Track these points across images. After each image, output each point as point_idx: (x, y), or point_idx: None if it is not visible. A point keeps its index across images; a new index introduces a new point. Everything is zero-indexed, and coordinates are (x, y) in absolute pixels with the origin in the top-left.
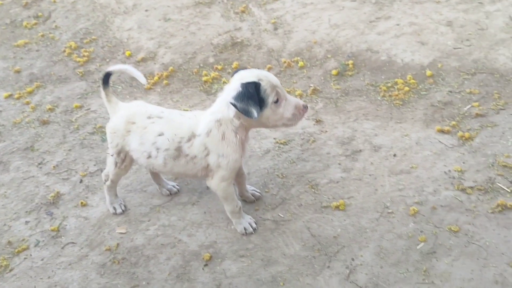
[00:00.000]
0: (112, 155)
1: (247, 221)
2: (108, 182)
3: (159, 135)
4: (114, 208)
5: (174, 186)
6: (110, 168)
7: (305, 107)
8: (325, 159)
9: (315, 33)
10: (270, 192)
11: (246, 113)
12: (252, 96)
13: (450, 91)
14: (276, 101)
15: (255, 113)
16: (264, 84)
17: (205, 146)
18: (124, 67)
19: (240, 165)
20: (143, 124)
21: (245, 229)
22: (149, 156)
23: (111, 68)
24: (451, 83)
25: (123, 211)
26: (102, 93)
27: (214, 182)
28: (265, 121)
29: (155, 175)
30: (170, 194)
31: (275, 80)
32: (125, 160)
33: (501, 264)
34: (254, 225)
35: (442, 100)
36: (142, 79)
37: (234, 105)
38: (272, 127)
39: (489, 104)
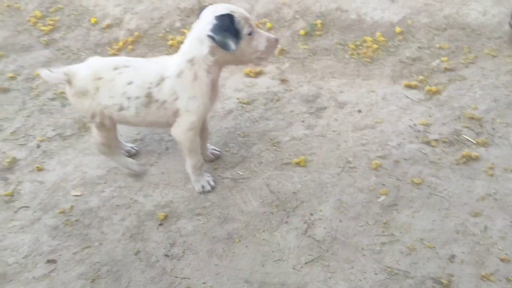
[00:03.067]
0: (90, 122)
1: (206, 179)
2: (107, 149)
3: (128, 84)
4: (134, 169)
5: (132, 148)
6: (96, 135)
7: (276, 40)
8: (289, 117)
9: None
10: (230, 151)
11: (223, 45)
12: (228, 28)
13: (420, 47)
14: (250, 33)
15: (232, 45)
16: (237, 16)
17: (174, 89)
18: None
19: (209, 111)
20: (110, 77)
21: (203, 187)
22: (121, 108)
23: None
24: (420, 39)
25: (142, 169)
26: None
27: (181, 130)
28: (240, 54)
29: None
30: (130, 155)
31: (246, 12)
32: (104, 122)
33: (463, 214)
34: (212, 183)
35: (411, 56)
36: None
37: (212, 38)
38: (246, 62)
39: (458, 58)
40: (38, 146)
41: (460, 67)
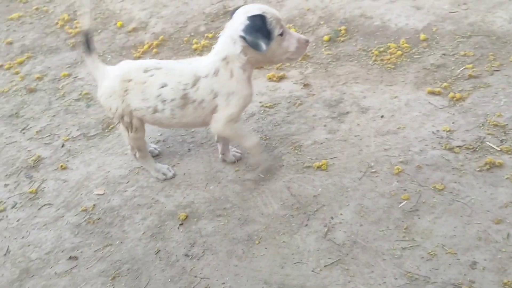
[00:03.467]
0: (117, 123)
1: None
2: (137, 153)
3: (162, 86)
4: (164, 174)
5: (155, 149)
6: (125, 136)
7: (307, 41)
8: (311, 121)
9: (309, 0)
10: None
11: (255, 46)
12: (260, 29)
13: (444, 54)
14: (281, 34)
15: (263, 45)
16: (269, 17)
17: (212, 87)
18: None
19: (247, 105)
20: (142, 79)
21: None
22: (155, 111)
23: (85, 24)
24: (445, 46)
25: (174, 174)
26: (87, 61)
27: (221, 123)
28: (271, 54)
29: None
30: (152, 156)
31: (278, 13)
32: (132, 122)
33: (485, 221)
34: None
35: (435, 63)
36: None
37: (244, 38)
38: (276, 62)
39: (483, 66)
40: (63, 145)
41: (484, 74)
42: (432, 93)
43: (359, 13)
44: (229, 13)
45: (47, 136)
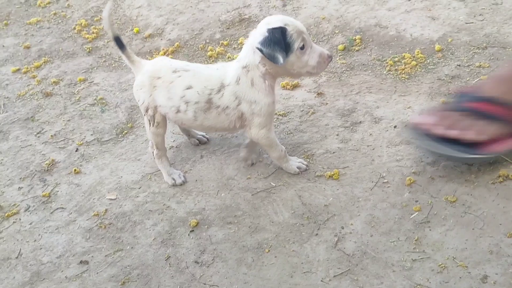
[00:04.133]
0: (144, 115)
1: (297, 160)
2: (155, 150)
3: (187, 88)
4: (173, 179)
5: (203, 136)
6: (147, 130)
7: (330, 57)
8: (323, 131)
9: (324, 9)
10: (264, 161)
11: (272, 58)
12: (278, 42)
13: (459, 65)
14: (302, 47)
15: (281, 59)
16: (290, 30)
17: (236, 95)
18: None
19: (274, 112)
20: (169, 79)
21: (299, 168)
22: (178, 111)
23: (109, 32)
24: (460, 57)
25: (183, 182)
26: (123, 57)
27: (254, 131)
28: (289, 67)
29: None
30: (200, 143)
31: (301, 26)
32: (155, 116)
33: (497, 235)
34: (305, 163)
35: (449, 74)
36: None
37: (261, 50)
38: (296, 75)
39: None
40: (77, 150)
41: None
42: (446, 103)
43: (374, 22)
44: (244, 21)
45: (62, 140)
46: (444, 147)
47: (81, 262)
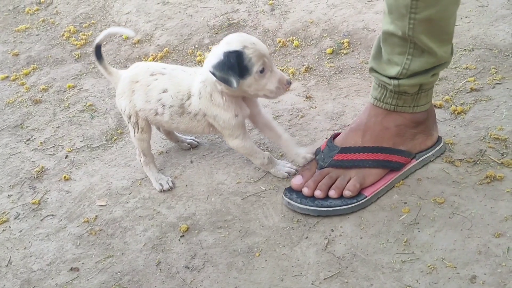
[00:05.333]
0: (128, 123)
1: (285, 165)
2: (142, 157)
3: (163, 91)
4: (161, 185)
5: (193, 140)
6: (132, 137)
7: (289, 83)
8: (313, 134)
9: (312, 13)
10: (253, 166)
11: (225, 82)
12: (232, 67)
13: (446, 68)
14: (262, 71)
15: (234, 83)
16: (250, 53)
17: (199, 107)
18: (108, 31)
19: (242, 121)
20: (147, 82)
21: (288, 172)
22: (156, 113)
23: (98, 38)
24: None
25: (171, 187)
26: (100, 68)
27: (228, 141)
28: (246, 89)
29: (169, 134)
30: (191, 147)
31: (263, 49)
32: (138, 122)
33: (485, 235)
34: (294, 167)
35: None
36: (130, 33)
37: (213, 74)
38: (253, 96)
39: (485, 79)
40: (66, 157)
41: (486, 87)
42: (433, 106)
43: (362, 26)
44: (233, 26)
45: (51, 147)
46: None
47: (71, 269)
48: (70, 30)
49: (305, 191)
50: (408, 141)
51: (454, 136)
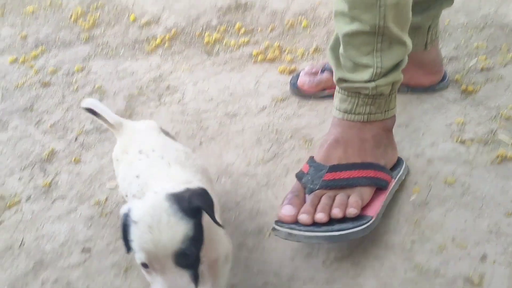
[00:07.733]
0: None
1: None
2: None
3: (137, 176)
4: None
5: None
6: None
7: None
8: (322, 114)
9: None
10: (262, 147)
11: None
12: (123, 235)
13: (456, 47)
14: (145, 266)
15: (126, 249)
16: (134, 232)
17: None
18: (92, 104)
19: None
20: (132, 158)
21: None
22: (126, 195)
23: (84, 104)
24: (457, 39)
25: None
26: (101, 121)
27: None
28: None
29: None
30: None
31: (155, 245)
32: None
33: (496, 214)
34: None
35: (447, 55)
36: (110, 116)
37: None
38: None
39: (496, 58)
40: (76, 139)
41: (497, 66)
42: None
43: None
44: (241, 7)
45: (61, 129)
46: (320, 232)
47: (83, 250)
48: (77, 12)
49: (303, 218)
50: (384, 155)
51: (464, 116)
